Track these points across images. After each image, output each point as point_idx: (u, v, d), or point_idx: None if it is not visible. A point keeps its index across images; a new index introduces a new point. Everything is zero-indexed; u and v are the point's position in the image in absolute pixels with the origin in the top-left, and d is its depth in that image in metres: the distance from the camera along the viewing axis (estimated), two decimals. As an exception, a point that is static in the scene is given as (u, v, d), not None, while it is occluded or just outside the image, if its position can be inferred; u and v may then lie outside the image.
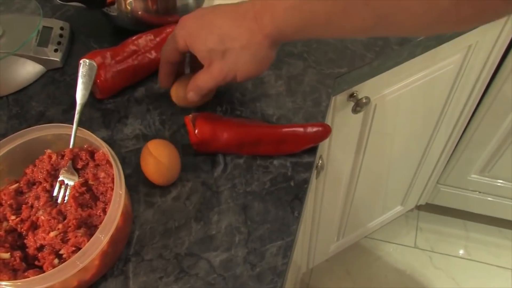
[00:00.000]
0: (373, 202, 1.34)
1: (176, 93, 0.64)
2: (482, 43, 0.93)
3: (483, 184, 1.40)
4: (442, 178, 1.43)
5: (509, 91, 1.08)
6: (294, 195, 0.58)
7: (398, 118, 1.01)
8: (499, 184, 1.38)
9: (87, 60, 0.59)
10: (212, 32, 0.53)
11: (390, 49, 0.73)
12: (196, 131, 0.59)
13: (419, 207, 1.64)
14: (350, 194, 1.17)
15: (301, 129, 0.60)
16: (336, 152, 0.95)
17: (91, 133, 0.55)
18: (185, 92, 0.60)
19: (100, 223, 0.50)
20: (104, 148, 0.53)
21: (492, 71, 1.05)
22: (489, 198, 1.45)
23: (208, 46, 0.53)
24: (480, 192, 1.45)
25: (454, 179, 1.42)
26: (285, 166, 0.61)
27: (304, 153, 0.61)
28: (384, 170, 1.19)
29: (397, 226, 1.63)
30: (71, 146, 0.56)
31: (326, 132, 0.61)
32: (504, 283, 1.53)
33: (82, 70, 0.59)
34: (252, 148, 0.61)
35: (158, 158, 0.57)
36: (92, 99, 0.68)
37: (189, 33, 0.55)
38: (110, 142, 0.64)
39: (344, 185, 1.12)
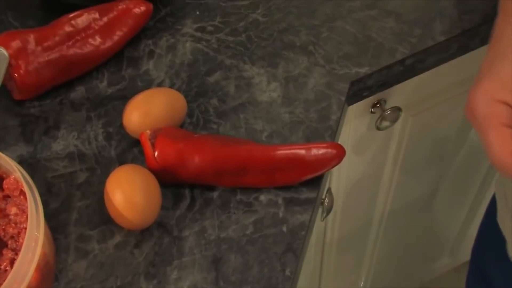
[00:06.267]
0: (407, 250, 1.33)
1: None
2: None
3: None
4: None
5: None
6: (287, 245, 0.57)
7: (440, 135, 1.00)
8: None
9: (-6, 47, 0.58)
10: None
11: (432, 40, 0.72)
12: (156, 153, 0.57)
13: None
14: (371, 240, 1.16)
15: (302, 151, 0.59)
16: (352, 183, 0.94)
17: (-1, 152, 0.53)
18: None
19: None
20: (17, 173, 0.51)
21: None
22: None
23: None
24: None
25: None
26: (276, 204, 0.59)
27: (303, 185, 0.60)
28: (422, 205, 1.18)
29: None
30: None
31: (337, 155, 0.59)
32: None
33: (-13, 61, 0.57)
34: (235, 179, 0.59)
35: (130, 192, 0.55)
36: (8, 100, 0.67)
37: None
38: (31, 162, 0.62)
39: (363, 227, 1.10)
